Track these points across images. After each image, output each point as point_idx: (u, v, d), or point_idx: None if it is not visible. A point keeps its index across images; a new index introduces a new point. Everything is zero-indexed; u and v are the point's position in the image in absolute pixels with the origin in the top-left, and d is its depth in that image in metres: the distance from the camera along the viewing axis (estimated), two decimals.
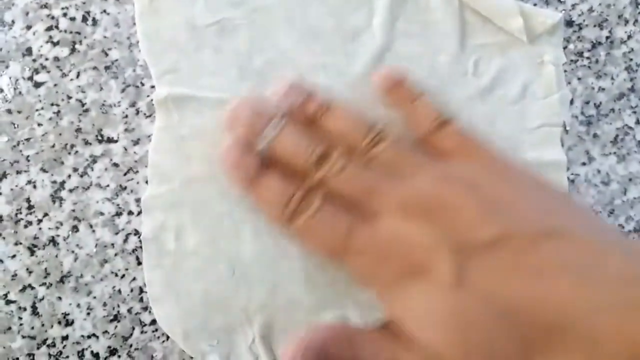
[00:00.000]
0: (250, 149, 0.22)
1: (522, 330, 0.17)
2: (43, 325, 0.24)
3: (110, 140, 0.26)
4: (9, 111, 0.25)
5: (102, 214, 0.25)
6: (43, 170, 0.25)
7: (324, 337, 0.20)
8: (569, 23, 0.28)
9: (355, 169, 0.22)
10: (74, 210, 0.25)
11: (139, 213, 0.25)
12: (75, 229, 0.25)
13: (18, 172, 0.25)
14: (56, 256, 0.25)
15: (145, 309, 0.25)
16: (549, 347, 0.17)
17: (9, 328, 0.24)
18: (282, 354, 0.22)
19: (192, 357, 0.24)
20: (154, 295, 0.24)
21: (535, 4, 0.28)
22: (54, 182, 0.25)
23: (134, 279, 0.25)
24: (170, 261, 0.24)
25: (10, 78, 0.26)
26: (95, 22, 0.26)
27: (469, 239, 0.19)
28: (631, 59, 0.29)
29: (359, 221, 0.21)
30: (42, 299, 0.24)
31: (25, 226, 0.25)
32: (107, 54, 0.26)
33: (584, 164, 0.28)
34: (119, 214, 0.25)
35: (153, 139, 0.25)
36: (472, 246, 0.19)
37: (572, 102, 0.28)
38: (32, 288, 0.24)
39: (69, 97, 0.26)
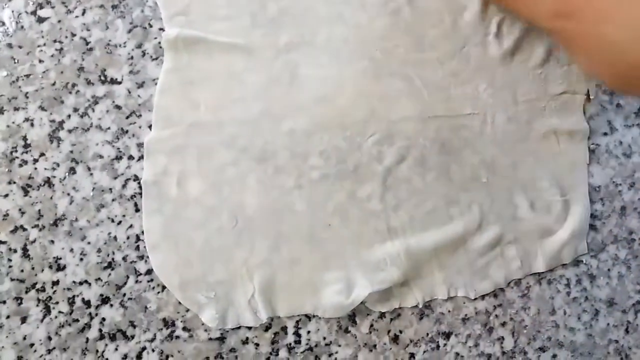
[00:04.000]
0: None
1: None
2: (33, 268, 0.23)
3: (113, 82, 0.24)
4: (10, 45, 0.24)
5: (101, 157, 0.24)
6: (42, 108, 0.24)
7: None
8: None
9: None
10: (72, 152, 0.24)
11: (140, 158, 0.24)
12: (72, 170, 0.24)
13: (16, 109, 0.24)
14: (51, 198, 0.24)
15: (142, 257, 0.24)
16: None
17: None
18: None
19: (187, 310, 0.23)
20: (151, 242, 0.23)
21: None
22: (53, 121, 0.24)
23: (131, 226, 0.24)
24: (170, 208, 0.23)
25: (12, 11, 0.24)
26: None
27: None
28: None
29: None
30: (34, 241, 0.23)
31: (20, 165, 0.24)
32: None
33: (605, 134, 0.26)
34: (118, 158, 0.24)
35: (160, 81, 0.24)
36: None
37: None
38: (24, 229, 0.23)
39: (73, 35, 0.24)
